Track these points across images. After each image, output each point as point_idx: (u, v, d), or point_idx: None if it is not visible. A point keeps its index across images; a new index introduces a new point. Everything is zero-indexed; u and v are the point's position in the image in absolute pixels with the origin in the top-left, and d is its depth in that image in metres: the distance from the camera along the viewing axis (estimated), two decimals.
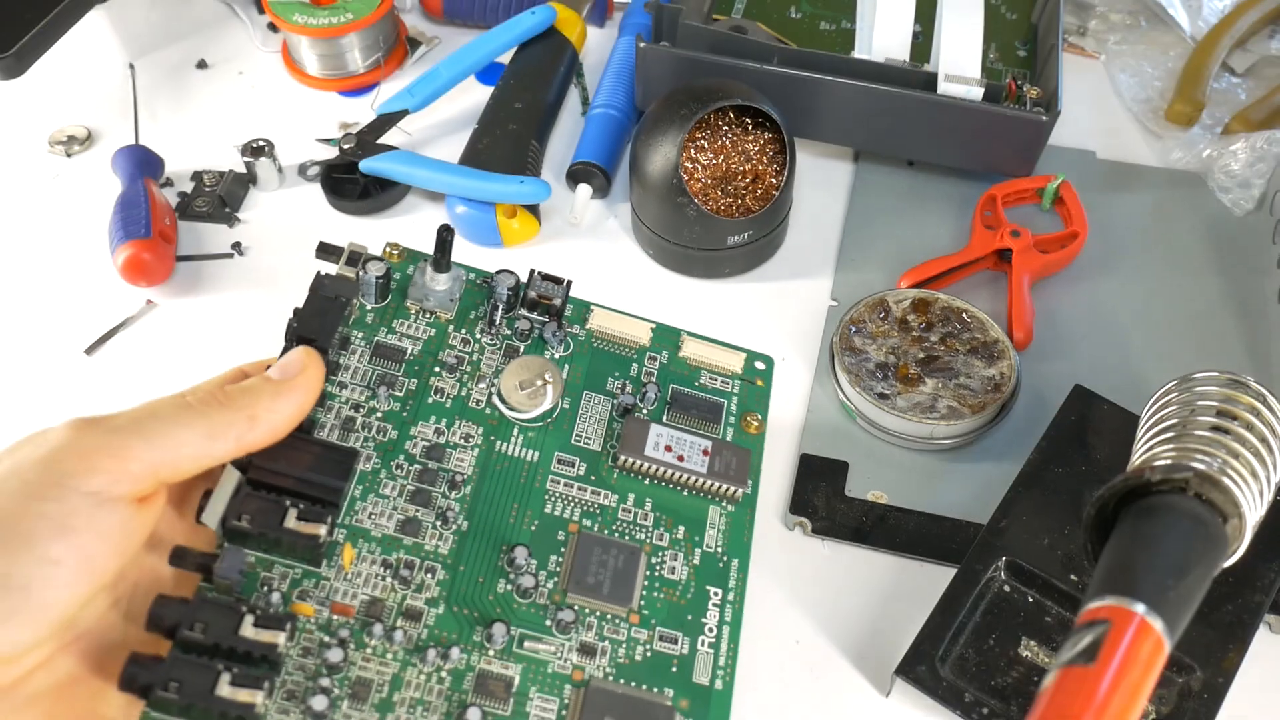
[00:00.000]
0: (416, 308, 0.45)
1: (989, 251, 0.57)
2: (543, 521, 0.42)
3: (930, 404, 0.51)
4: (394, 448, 0.42)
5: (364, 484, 0.41)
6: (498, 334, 0.46)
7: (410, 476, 0.42)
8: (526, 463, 0.43)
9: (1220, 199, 0.62)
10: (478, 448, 0.43)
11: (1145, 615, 0.36)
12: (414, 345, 0.45)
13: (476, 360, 0.45)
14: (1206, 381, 0.44)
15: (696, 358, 0.48)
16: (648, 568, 0.42)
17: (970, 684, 0.43)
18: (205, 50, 0.71)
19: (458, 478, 0.42)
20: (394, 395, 0.43)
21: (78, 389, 0.54)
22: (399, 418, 0.43)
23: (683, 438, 0.44)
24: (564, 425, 0.45)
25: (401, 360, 0.44)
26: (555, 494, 0.43)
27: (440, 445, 0.43)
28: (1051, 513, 0.47)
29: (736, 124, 0.57)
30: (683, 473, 0.43)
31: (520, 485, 0.43)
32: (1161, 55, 0.69)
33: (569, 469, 0.43)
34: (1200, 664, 0.42)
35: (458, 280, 0.46)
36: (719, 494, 0.44)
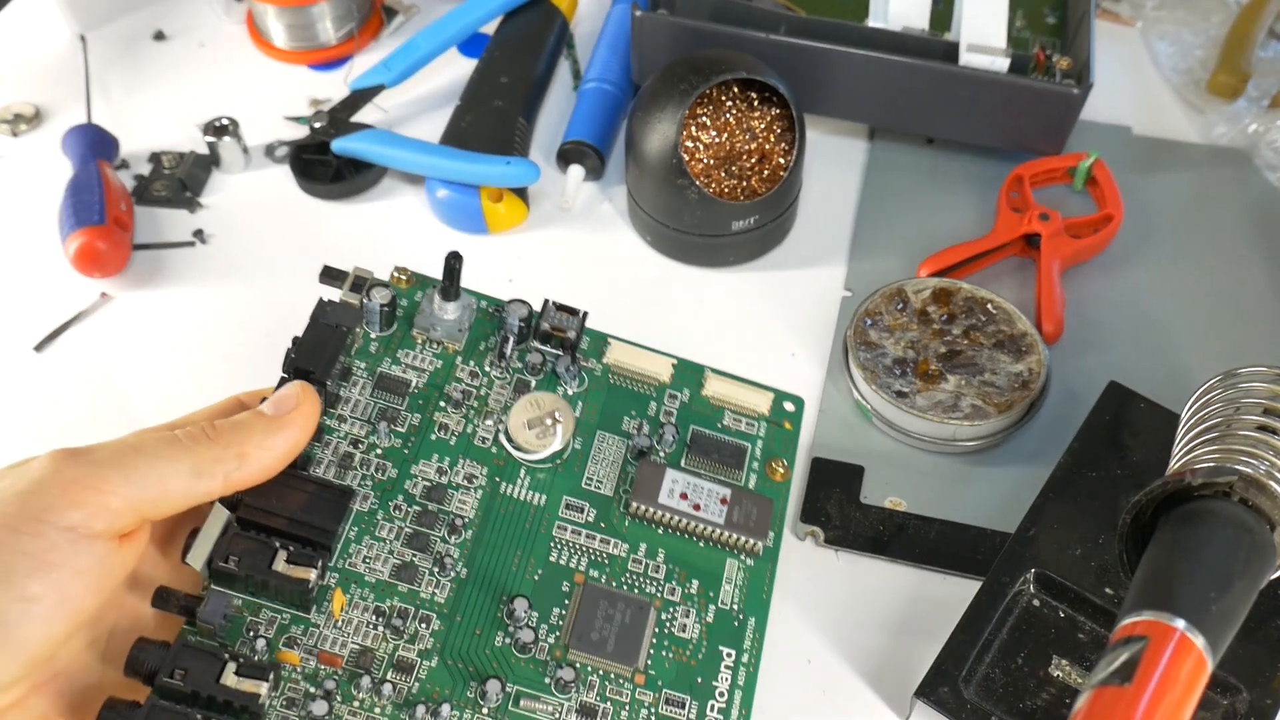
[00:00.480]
0: (423, 337, 0.46)
1: (1016, 236, 0.57)
2: (547, 570, 0.42)
3: (952, 403, 0.51)
4: (393, 487, 0.43)
5: (360, 525, 0.42)
6: (508, 367, 0.46)
7: (409, 519, 0.42)
8: (533, 507, 0.44)
9: (1268, 178, 0.62)
10: (481, 489, 0.43)
11: (1185, 631, 0.36)
12: (419, 377, 0.45)
13: (484, 395, 0.45)
14: (1253, 377, 0.44)
15: (720, 397, 0.48)
16: (657, 624, 0.42)
17: (997, 706, 0.43)
18: (163, 20, 0.71)
19: (458, 521, 0.42)
20: (395, 431, 0.44)
21: (26, 388, 0.54)
22: (400, 455, 0.43)
23: (700, 484, 0.44)
24: (575, 467, 0.45)
25: (405, 393, 0.45)
26: (562, 541, 0.43)
27: (442, 486, 0.43)
28: (1084, 520, 0.47)
29: (741, 99, 0.57)
30: (699, 523, 0.43)
31: (525, 531, 0.43)
32: (1203, 22, 0.69)
33: (578, 515, 0.44)
34: (1246, 684, 0.42)
35: (467, 309, 0.47)
36: (737, 546, 0.44)
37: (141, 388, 0.54)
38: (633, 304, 0.57)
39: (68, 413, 0.53)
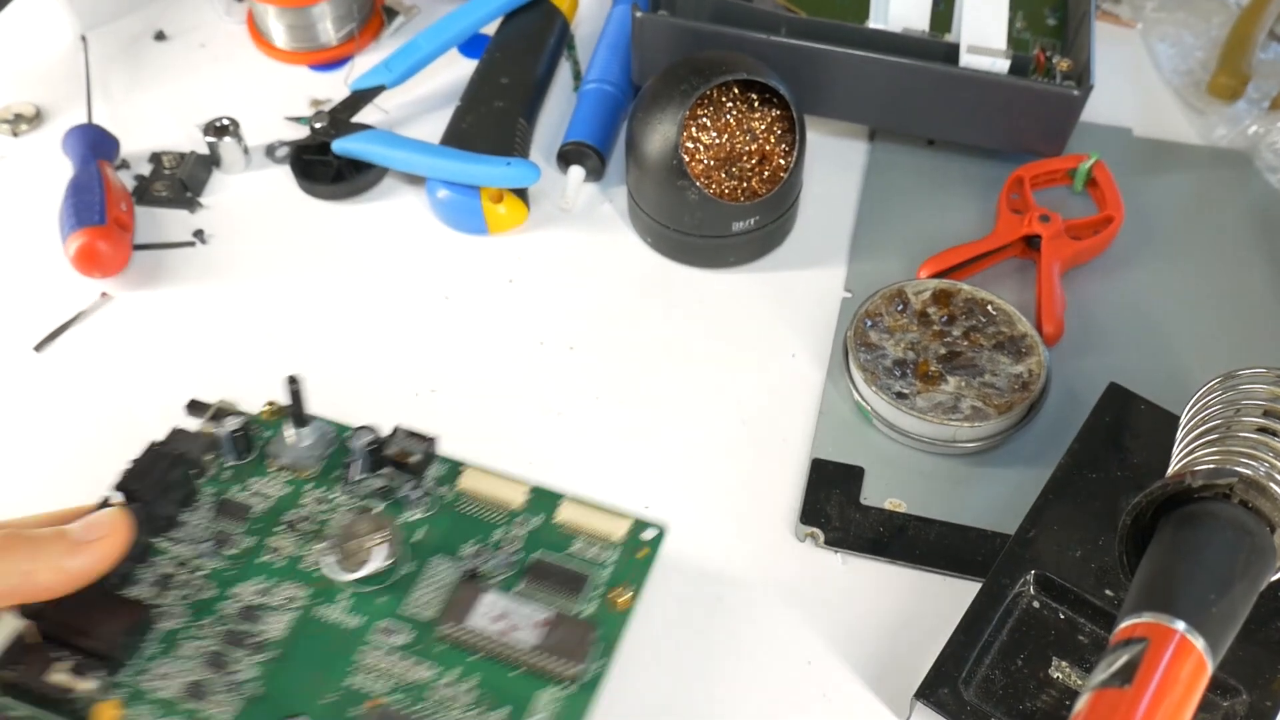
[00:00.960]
0: (275, 465, 0.47)
1: (1016, 238, 0.57)
2: (343, 694, 0.41)
3: (952, 404, 0.51)
4: (205, 607, 0.43)
5: (164, 643, 0.42)
6: (355, 493, 0.46)
7: (216, 639, 0.42)
8: (344, 629, 0.43)
9: (1268, 179, 0.62)
10: (296, 610, 0.43)
11: (1185, 633, 0.36)
12: (263, 503, 0.46)
13: (325, 520, 0.46)
14: (1253, 379, 0.44)
15: (573, 524, 0.46)
16: None
17: (997, 708, 0.43)
18: (164, 20, 0.71)
19: (264, 640, 0.42)
20: (225, 554, 0.44)
21: (26, 389, 0.54)
22: (223, 576, 0.44)
23: (519, 609, 0.42)
24: (402, 590, 0.44)
25: (244, 518, 0.45)
26: (367, 665, 0.42)
27: (257, 607, 0.43)
28: (1084, 522, 0.47)
29: (742, 100, 0.57)
30: (508, 648, 0.42)
31: (329, 653, 0.42)
32: (1203, 23, 0.69)
33: (389, 638, 0.43)
34: (1246, 686, 0.42)
35: (323, 435, 0.47)
36: (551, 673, 0.42)
37: (141, 388, 0.54)
38: (633, 305, 0.57)
39: (68, 413, 0.53)
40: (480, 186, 0.59)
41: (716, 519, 0.50)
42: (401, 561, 0.44)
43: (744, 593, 0.48)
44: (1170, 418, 0.49)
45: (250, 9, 0.69)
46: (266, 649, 0.42)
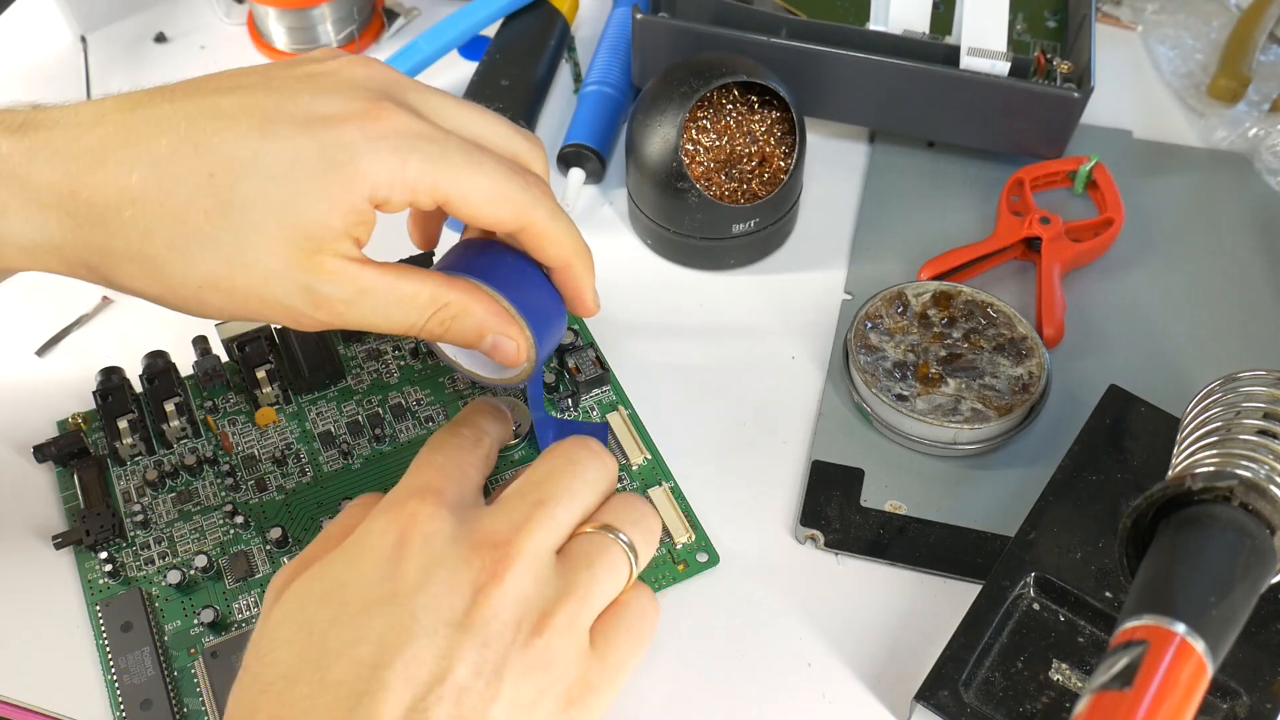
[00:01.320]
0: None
1: (1016, 240, 0.57)
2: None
3: (953, 406, 0.51)
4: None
5: (335, 399, 0.53)
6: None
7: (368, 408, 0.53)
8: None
9: (1268, 181, 0.62)
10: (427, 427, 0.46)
11: (1186, 636, 0.36)
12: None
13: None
14: (1253, 381, 0.44)
15: (657, 504, 0.49)
16: None
17: (997, 710, 0.43)
18: (164, 22, 0.71)
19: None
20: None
21: (28, 392, 0.54)
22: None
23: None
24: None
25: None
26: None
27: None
28: (1084, 524, 0.47)
29: (741, 102, 0.57)
30: None
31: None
32: (1203, 25, 0.69)
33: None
34: (1246, 689, 0.42)
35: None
36: None
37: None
38: (633, 307, 0.57)
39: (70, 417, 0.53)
40: None
41: (716, 520, 0.50)
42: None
43: (744, 594, 0.48)
44: (1170, 420, 0.49)
45: (250, 11, 0.69)
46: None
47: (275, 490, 0.50)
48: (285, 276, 0.38)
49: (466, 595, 0.36)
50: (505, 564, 0.37)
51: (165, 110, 0.38)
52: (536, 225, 0.42)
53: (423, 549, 0.37)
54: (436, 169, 0.39)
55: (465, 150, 0.40)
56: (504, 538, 0.37)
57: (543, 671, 0.36)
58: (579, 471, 0.40)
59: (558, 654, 0.37)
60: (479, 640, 0.35)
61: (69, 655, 0.46)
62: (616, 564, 0.39)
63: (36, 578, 0.48)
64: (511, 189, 0.40)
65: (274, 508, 0.49)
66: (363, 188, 0.38)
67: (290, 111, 0.38)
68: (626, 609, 0.40)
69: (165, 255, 0.38)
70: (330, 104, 0.38)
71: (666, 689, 0.45)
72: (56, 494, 0.50)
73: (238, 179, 0.37)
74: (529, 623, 0.36)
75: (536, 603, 0.37)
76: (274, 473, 0.50)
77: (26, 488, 0.51)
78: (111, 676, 0.44)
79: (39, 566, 0.48)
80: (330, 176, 0.37)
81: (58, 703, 0.44)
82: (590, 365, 0.53)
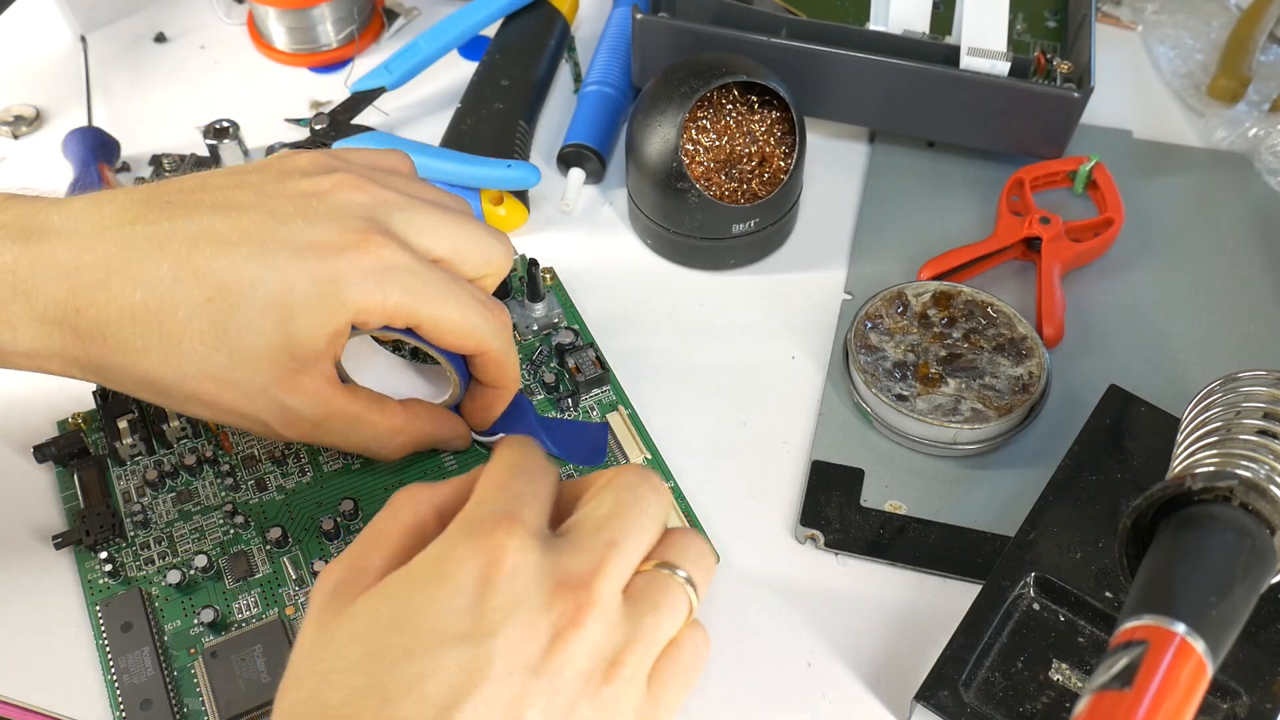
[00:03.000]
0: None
1: (1016, 240, 0.57)
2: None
3: (953, 406, 0.51)
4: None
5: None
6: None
7: None
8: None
9: (1268, 181, 0.62)
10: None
11: (1186, 636, 0.36)
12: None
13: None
14: (1253, 381, 0.44)
15: None
16: None
17: (997, 710, 0.43)
18: (164, 22, 0.71)
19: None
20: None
21: (28, 392, 0.54)
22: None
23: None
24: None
25: None
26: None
27: None
28: (1085, 524, 0.47)
29: (741, 102, 0.57)
30: None
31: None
32: (1204, 25, 0.69)
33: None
34: (1246, 689, 0.42)
35: (547, 315, 0.56)
36: None
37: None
38: (633, 307, 0.57)
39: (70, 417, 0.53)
40: (480, 189, 0.59)
41: (717, 520, 0.50)
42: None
43: (744, 594, 0.48)
44: (1170, 420, 0.49)
45: (250, 11, 0.69)
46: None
47: (275, 490, 0.50)
48: (266, 395, 0.42)
49: (544, 640, 0.35)
50: (584, 610, 0.36)
51: (165, 230, 0.41)
52: (491, 354, 0.46)
53: (507, 585, 0.35)
54: (415, 301, 0.43)
55: (443, 283, 0.44)
56: (583, 580, 0.36)
57: (608, 717, 0.36)
58: (645, 508, 0.39)
59: (622, 703, 0.36)
60: (551, 688, 0.35)
61: (69, 655, 0.46)
62: (679, 604, 0.38)
63: (36, 577, 0.48)
64: (478, 321, 0.44)
65: (274, 507, 0.49)
66: (348, 314, 0.42)
67: (285, 238, 0.41)
68: (682, 650, 0.39)
69: (159, 371, 0.41)
70: (322, 232, 0.42)
71: None
72: (56, 494, 0.50)
73: (234, 306, 0.41)
74: (600, 672, 0.36)
75: (607, 652, 0.36)
76: (274, 472, 0.50)
77: (27, 488, 0.51)
78: (111, 676, 0.44)
79: (39, 566, 0.48)
80: (321, 305, 0.41)
81: (57, 702, 0.44)
82: (590, 365, 0.53)
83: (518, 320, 0.55)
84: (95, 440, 0.51)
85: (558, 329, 0.55)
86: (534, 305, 0.55)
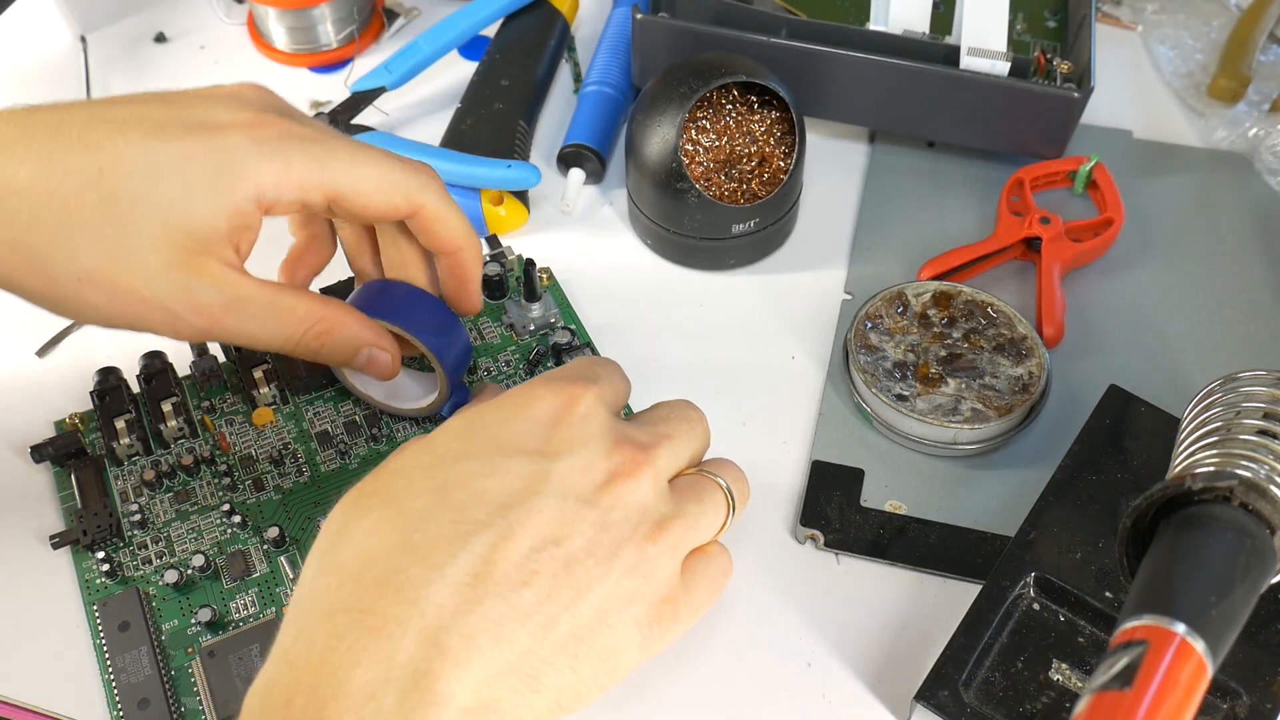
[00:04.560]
0: (506, 323, 0.52)
1: (1016, 240, 0.57)
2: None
3: (953, 406, 0.51)
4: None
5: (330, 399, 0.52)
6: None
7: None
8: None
9: (1268, 181, 0.62)
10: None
11: (1186, 635, 0.36)
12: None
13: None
14: (1253, 381, 0.44)
15: None
16: None
17: (997, 710, 0.43)
18: (164, 22, 0.71)
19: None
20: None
21: (29, 393, 0.54)
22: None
23: None
24: None
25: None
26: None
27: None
28: (1085, 524, 0.47)
29: (741, 102, 0.57)
30: None
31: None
32: (1203, 25, 0.69)
33: None
34: (1246, 689, 0.42)
35: (544, 315, 0.56)
36: None
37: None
38: (633, 307, 0.57)
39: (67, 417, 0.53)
40: (480, 189, 0.59)
41: None
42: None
43: (744, 594, 0.48)
44: (1170, 420, 0.49)
45: (250, 11, 0.69)
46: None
47: (273, 490, 0.50)
48: (166, 276, 0.40)
49: (601, 478, 0.38)
50: (640, 467, 0.39)
51: (61, 115, 0.40)
52: (428, 208, 0.44)
53: (578, 424, 0.39)
54: (322, 165, 0.41)
55: (350, 146, 0.43)
56: (642, 445, 0.39)
57: (645, 576, 0.38)
58: (693, 425, 0.43)
59: (661, 566, 0.38)
60: (601, 522, 0.37)
61: (66, 655, 0.46)
62: (719, 504, 0.41)
63: (34, 578, 0.48)
64: (400, 175, 0.43)
65: (271, 507, 0.49)
66: (249, 189, 0.40)
67: (181, 119, 0.40)
68: (712, 558, 0.42)
69: (48, 245, 0.39)
70: (219, 114, 0.41)
71: (667, 688, 0.45)
72: (54, 494, 0.50)
73: (126, 175, 0.39)
74: (646, 526, 0.38)
75: (654, 515, 0.39)
76: (271, 472, 0.50)
77: (24, 488, 0.50)
78: (109, 676, 0.44)
79: (36, 566, 0.48)
80: (217, 178, 0.40)
81: (55, 702, 0.44)
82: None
83: (515, 320, 0.55)
84: (92, 440, 0.51)
85: (554, 329, 0.55)
86: (531, 305, 0.55)
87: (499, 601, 0.35)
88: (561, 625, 0.36)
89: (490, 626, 0.34)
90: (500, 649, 0.34)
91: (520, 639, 0.35)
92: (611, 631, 0.37)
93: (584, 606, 0.36)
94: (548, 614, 0.35)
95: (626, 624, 0.37)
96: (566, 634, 0.36)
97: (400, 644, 0.33)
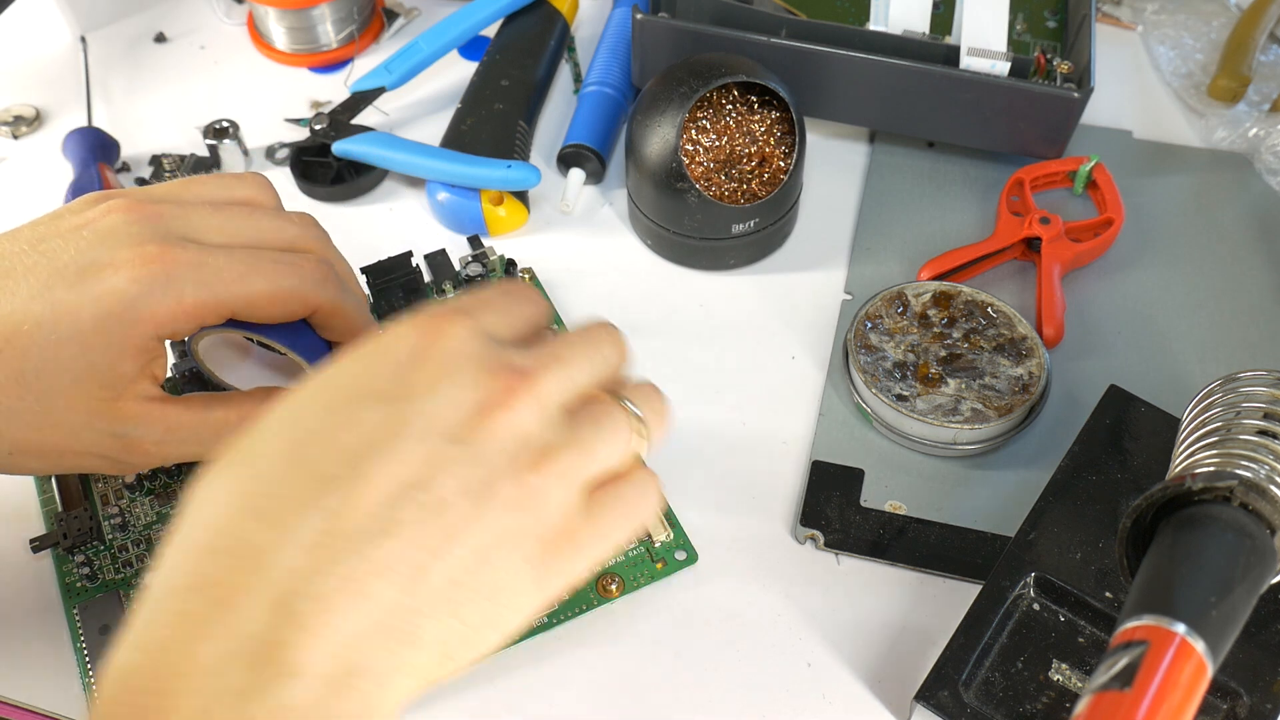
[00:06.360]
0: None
1: (1016, 240, 0.57)
2: None
3: (953, 406, 0.51)
4: None
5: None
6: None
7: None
8: None
9: (1268, 181, 0.62)
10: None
11: (1186, 635, 0.36)
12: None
13: None
14: (1253, 381, 0.44)
15: None
16: None
17: (997, 710, 0.43)
18: (164, 22, 0.71)
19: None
20: None
21: None
22: None
23: None
24: None
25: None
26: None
27: None
28: (1085, 524, 0.47)
29: (741, 102, 0.57)
30: None
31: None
32: (1203, 26, 0.69)
33: None
34: (1246, 689, 0.42)
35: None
36: None
37: None
38: (633, 307, 0.57)
39: None
40: (480, 189, 0.59)
41: (716, 521, 0.50)
42: None
43: (744, 594, 0.48)
44: (1170, 420, 0.49)
45: (250, 11, 0.69)
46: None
47: None
48: (91, 428, 0.41)
49: (467, 412, 0.35)
50: (514, 394, 0.35)
51: None
52: (325, 306, 0.44)
53: (438, 361, 0.35)
54: (212, 291, 0.41)
55: (235, 262, 0.42)
56: (520, 371, 0.36)
57: (530, 510, 0.35)
58: (598, 346, 0.39)
59: (548, 497, 0.35)
60: (470, 458, 0.34)
61: (47, 658, 0.46)
62: (620, 429, 0.38)
63: (14, 581, 0.48)
64: (291, 281, 0.42)
65: None
66: (146, 329, 0.40)
67: (60, 271, 0.40)
68: (627, 482, 0.38)
69: None
70: (95, 255, 0.40)
71: (667, 688, 0.45)
72: (35, 497, 0.50)
73: (26, 350, 0.39)
74: (526, 458, 0.35)
75: (537, 443, 0.35)
76: None
77: (5, 491, 0.50)
78: (89, 679, 0.44)
79: (17, 569, 0.48)
80: (112, 328, 0.40)
81: (36, 706, 0.44)
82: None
83: None
84: None
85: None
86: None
87: (355, 557, 0.32)
88: (434, 573, 0.33)
89: (346, 585, 0.32)
90: (361, 608, 0.32)
91: (385, 594, 0.32)
92: (496, 572, 0.34)
93: (459, 549, 0.33)
94: (415, 562, 0.33)
95: (514, 561, 0.35)
96: (443, 581, 0.33)
97: (248, 615, 0.31)
